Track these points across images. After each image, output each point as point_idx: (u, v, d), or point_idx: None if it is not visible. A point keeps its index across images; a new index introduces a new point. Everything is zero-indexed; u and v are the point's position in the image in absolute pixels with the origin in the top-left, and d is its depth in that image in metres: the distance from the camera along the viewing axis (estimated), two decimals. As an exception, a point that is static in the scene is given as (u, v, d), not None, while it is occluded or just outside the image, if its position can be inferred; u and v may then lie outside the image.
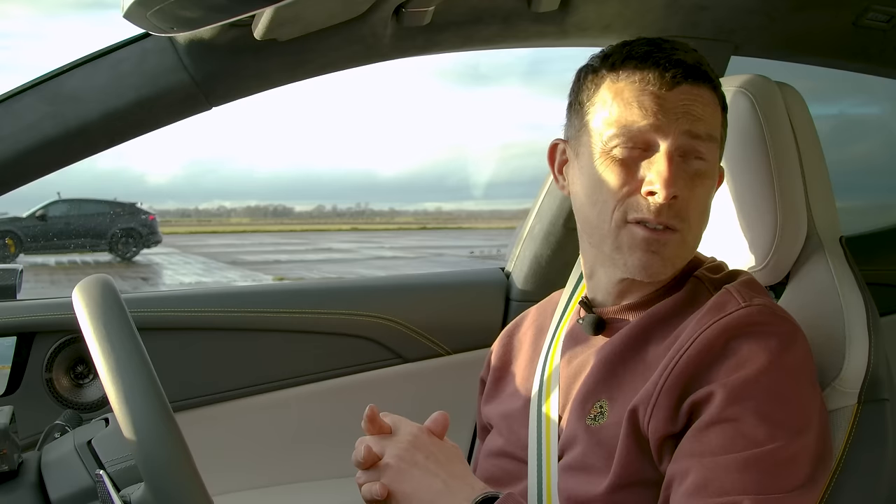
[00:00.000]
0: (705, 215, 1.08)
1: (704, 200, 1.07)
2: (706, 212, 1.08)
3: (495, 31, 1.54)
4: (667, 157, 1.02)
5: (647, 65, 1.05)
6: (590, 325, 1.11)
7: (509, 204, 22.95)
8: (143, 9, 1.07)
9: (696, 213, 1.05)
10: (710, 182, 1.07)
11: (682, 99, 1.04)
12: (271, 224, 25.10)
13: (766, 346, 0.96)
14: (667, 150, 1.03)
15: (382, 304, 1.81)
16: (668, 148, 1.03)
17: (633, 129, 1.04)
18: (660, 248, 1.04)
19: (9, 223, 11.77)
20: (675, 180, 1.02)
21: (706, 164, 1.05)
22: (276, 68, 1.45)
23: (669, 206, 1.02)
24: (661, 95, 1.03)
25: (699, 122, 1.04)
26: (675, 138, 1.03)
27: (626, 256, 1.06)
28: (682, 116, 1.03)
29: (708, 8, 1.60)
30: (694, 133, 1.03)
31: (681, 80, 1.04)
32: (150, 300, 1.73)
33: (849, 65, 1.85)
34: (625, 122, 1.04)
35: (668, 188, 1.01)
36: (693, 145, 1.04)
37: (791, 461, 0.93)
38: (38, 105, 1.36)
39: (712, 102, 1.07)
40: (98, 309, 0.86)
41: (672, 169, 1.02)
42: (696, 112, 1.04)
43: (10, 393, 1.62)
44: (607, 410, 1.04)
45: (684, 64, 1.04)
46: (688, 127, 1.03)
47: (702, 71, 1.06)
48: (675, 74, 1.03)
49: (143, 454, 0.81)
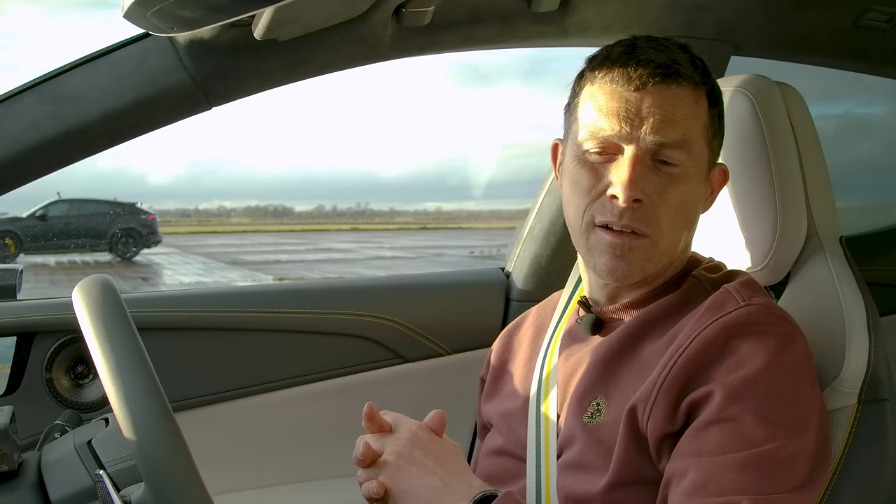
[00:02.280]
0: (682, 219, 1.06)
1: (678, 204, 1.04)
2: (684, 216, 1.06)
3: (495, 31, 1.54)
4: (630, 162, 1.02)
5: (617, 66, 1.04)
6: (588, 324, 1.12)
7: (509, 204, 22.96)
8: (143, 9, 1.07)
9: (668, 217, 1.04)
10: (686, 186, 1.04)
11: (651, 101, 1.02)
12: (271, 224, 25.10)
13: (765, 345, 0.96)
14: (630, 156, 1.02)
15: (382, 304, 1.81)
16: (633, 153, 1.02)
17: (600, 135, 1.04)
18: (625, 252, 1.04)
19: (9, 223, 11.77)
20: (638, 183, 1.01)
21: (680, 167, 1.03)
22: (276, 68, 1.45)
23: (633, 210, 1.02)
24: (629, 98, 1.02)
25: (669, 125, 1.02)
26: (640, 143, 1.02)
27: (595, 259, 1.07)
28: (648, 120, 1.02)
29: (708, 8, 1.60)
30: (661, 139, 1.02)
31: (648, 80, 1.02)
32: (150, 300, 1.73)
33: (849, 65, 1.85)
34: (594, 128, 1.04)
35: (627, 191, 1.01)
36: (661, 150, 1.03)
37: (790, 461, 0.93)
38: (38, 105, 1.36)
39: (690, 101, 1.04)
40: (98, 309, 0.86)
41: (635, 173, 1.01)
42: (666, 114, 1.02)
43: (10, 393, 1.62)
44: (604, 408, 1.04)
45: (653, 63, 1.03)
46: (655, 132, 1.02)
47: (673, 69, 1.03)
48: (643, 75, 1.02)
49: (143, 454, 0.81)
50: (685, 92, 1.04)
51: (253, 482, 1.74)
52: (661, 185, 1.03)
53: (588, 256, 1.08)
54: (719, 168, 1.12)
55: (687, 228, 1.08)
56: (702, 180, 1.07)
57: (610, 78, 1.04)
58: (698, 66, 1.07)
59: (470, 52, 1.62)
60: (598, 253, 1.05)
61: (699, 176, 1.06)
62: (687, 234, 1.08)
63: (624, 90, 1.03)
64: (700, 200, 1.09)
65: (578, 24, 1.57)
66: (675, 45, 1.07)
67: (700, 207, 1.10)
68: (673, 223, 1.05)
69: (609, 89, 1.04)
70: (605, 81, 1.04)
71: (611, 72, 1.04)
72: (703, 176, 1.07)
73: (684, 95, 1.04)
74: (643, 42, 1.06)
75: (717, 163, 1.11)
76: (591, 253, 1.07)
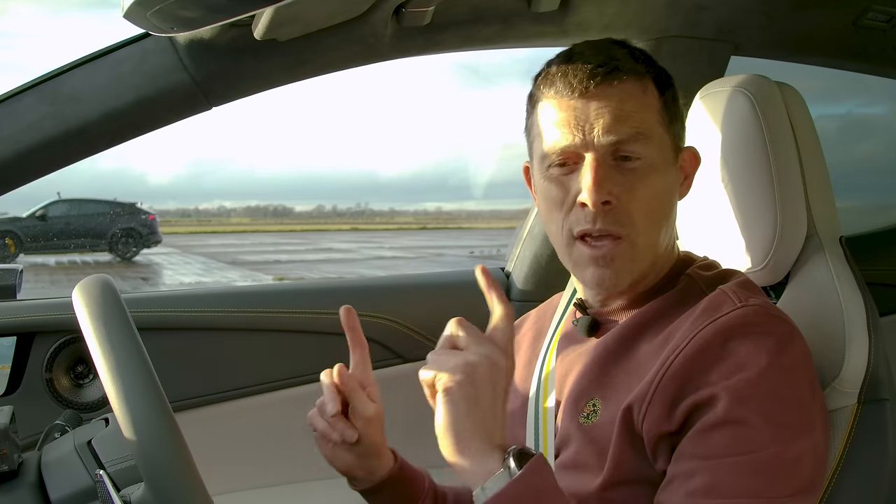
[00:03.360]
0: (657, 212, 1.05)
1: (649, 198, 1.04)
2: (658, 208, 1.05)
3: (495, 31, 1.54)
4: (591, 167, 1.02)
5: (558, 77, 1.04)
6: (584, 326, 1.12)
7: (509, 204, 22.96)
8: (143, 9, 1.07)
9: (641, 213, 1.03)
10: (653, 178, 1.04)
11: (596, 104, 1.02)
12: (271, 224, 25.12)
13: (764, 346, 0.96)
14: (591, 161, 1.02)
15: (382, 304, 1.81)
16: (593, 157, 1.02)
17: (557, 148, 1.04)
18: (608, 262, 1.04)
19: (9, 223, 11.79)
20: (604, 185, 1.01)
21: (641, 160, 1.03)
22: (276, 68, 1.45)
23: (605, 213, 1.02)
24: (576, 105, 1.03)
25: (620, 122, 1.02)
26: (597, 148, 1.02)
27: (581, 273, 1.07)
28: (598, 123, 1.02)
29: (708, 8, 1.60)
30: (615, 138, 1.02)
31: (588, 83, 1.02)
32: (150, 300, 1.73)
33: (849, 65, 1.85)
34: (552, 144, 1.04)
35: (594, 195, 1.01)
36: (619, 148, 1.03)
37: (794, 463, 0.93)
38: (38, 105, 1.36)
39: (637, 94, 1.03)
40: (98, 309, 0.85)
41: (598, 176, 1.01)
42: (615, 112, 1.02)
43: (10, 393, 1.62)
44: (600, 409, 1.04)
45: (590, 65, 1.03)
46: (607, 133, 1.02)
47: (612, 66, 1.03)
48: (583, 79, 1.02)
49: (143, 454, 0.81)
50: (629, 86, 1.04)
51: (253, 482, 1.74)
52: (628, 182, 1.03)
53: (575, 271, 1.09)
54: (689, 151, 1.11)
55: (665, 220, 1.07)
56: (669, 168, 1.07)
57: (554, 90, 1.04)
58: (639, 57, 1.07)
59: (470, 52, 1.62)
60: (582, 267, 1.06)
61: (665, 164, 1.06)
62: (666, 226, 1.08)
63: (569, 99, 1.03)
64: (673, 189, 1.08)
65: (578, 24, 1.57)
66: (612, 43, 1.08)
67: (675, 196, 1.09)
68: (647, 218, 1.04)
69: (556, 102, 1.04)
70: (551, 94, 1.05)
71: (553, 84, 1.04)
72: (669, 163, 1.07)
73: (629, 89, 1.04)
74: (579, 47, 1.07)
75: (684, 147, 1.10)
76: (576, 267, 1.08)
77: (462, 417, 0.90)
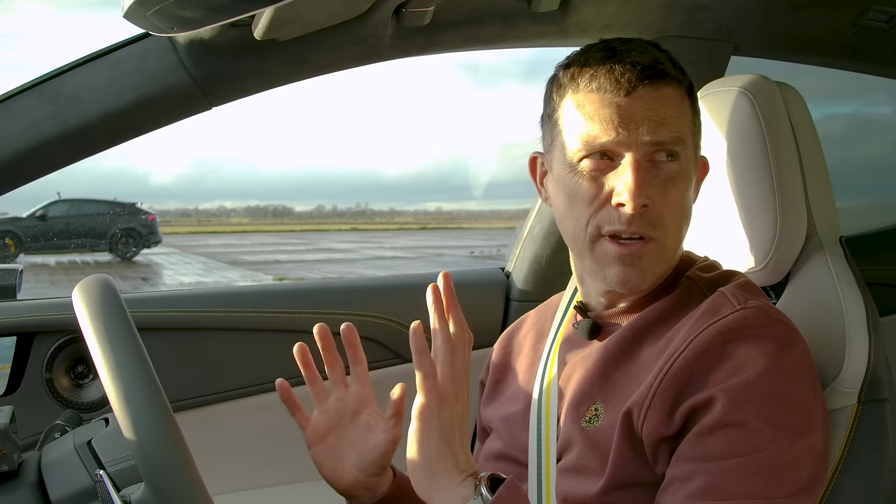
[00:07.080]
0: (683, 217, 1.06)
1: (679, 203, 1.05)
2: (684, 214, 1.06)
3: (495, 31, 1.54)
4: (632, 168, 1.01)
5: (602, 72, 1.03)
6: (585, 329, 1.11)
7: (509, 204, 22.96)
8: (143, 9, 1.07)
9: (672, 217, 1.04)
10: (683, 184, 1.05)
11: (642, 104, 1.02)
12: (271, 224, 25.12)
13: (763, 349, 0.96)
14: (632, 161, 1.01)
15: (382, 304, 1.81)
16: (633, 158, 1.01)
17: (595, 143, 1.03)
18: (636, 260, 1.03)
19: (9, 223, 11.78)
20: (644, 188, 1.01)
21: (677, 165, 1.03)
22: (276, 68, 1.45)
23: (641, 214, 1.02)
24: (620, 104, 1.02)
25: (663, 126, 1.02)
26: (638, 148, 1.02)
27: (605, 270, 1.06)
28: (644, 123, 1.01)
29: (708, 8, 1.60)
30: (658, 140, 1.02)
31: (637, 83, 1.02)
32: (150, 300, 1.73)
33: (849, 65, 1.85)
34: (588, 137, 1.03)
35: (635, 199, 1.00)
36: (658, 151, 1.02)
37: (793, 464, 0.93)
38: (38, 105, 1.36)
39: (677, 100, 1.04)
40: (98, 309, 0.85)
41: (639, 178, 1.01)
42: (659, 115, 1.02)
43: (10, 393, 1.62)
44: (602, 413, 1.04)
45: (640, 65, 1.02)
46: (651, 134, 1.01)
47: (659, 69, 1.03)
48: (631, 79, 1.01)
49: (143, 454, 0.81)
50: (672, 90, 1.04)
51: (253, 482, 1.74)
52: (662, 186, 1.03)
53: (596, 268, 1.07)
54: (701, 160, 1.12)
55: (687, 225, 1.08)
56: (692, 175, 1.08)
57: (596, 85, 1.03)
58: (676, 64, 1.07)
59: (470, 52, 1.62)
60: (608, 264, 1.05)
61: (692, 171, 1.07)
62: (686, 230, 1.09)
63: (613, 96, 1.02)
64: (692, 195, 1.09)
65: (578, 24, 1.57)
66: (650, 45, 1.07)
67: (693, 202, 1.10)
68: (676, 222, 1.05)
69: (597, 97, 1.03)
70: (592, 89, 1.03)
71: (595, 78, 1.03)
72: (693, 170, 1.08)
73: (671, 94, 1.04)
74: (619, 44, 1.06)
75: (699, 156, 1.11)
76: (598, 264, 1.06)
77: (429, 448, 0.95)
